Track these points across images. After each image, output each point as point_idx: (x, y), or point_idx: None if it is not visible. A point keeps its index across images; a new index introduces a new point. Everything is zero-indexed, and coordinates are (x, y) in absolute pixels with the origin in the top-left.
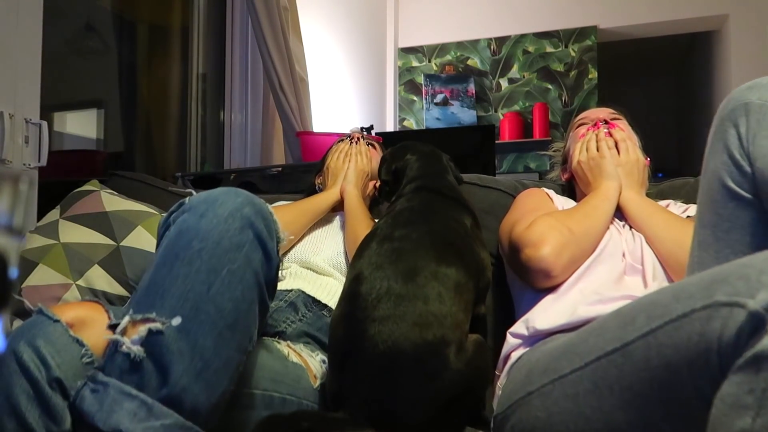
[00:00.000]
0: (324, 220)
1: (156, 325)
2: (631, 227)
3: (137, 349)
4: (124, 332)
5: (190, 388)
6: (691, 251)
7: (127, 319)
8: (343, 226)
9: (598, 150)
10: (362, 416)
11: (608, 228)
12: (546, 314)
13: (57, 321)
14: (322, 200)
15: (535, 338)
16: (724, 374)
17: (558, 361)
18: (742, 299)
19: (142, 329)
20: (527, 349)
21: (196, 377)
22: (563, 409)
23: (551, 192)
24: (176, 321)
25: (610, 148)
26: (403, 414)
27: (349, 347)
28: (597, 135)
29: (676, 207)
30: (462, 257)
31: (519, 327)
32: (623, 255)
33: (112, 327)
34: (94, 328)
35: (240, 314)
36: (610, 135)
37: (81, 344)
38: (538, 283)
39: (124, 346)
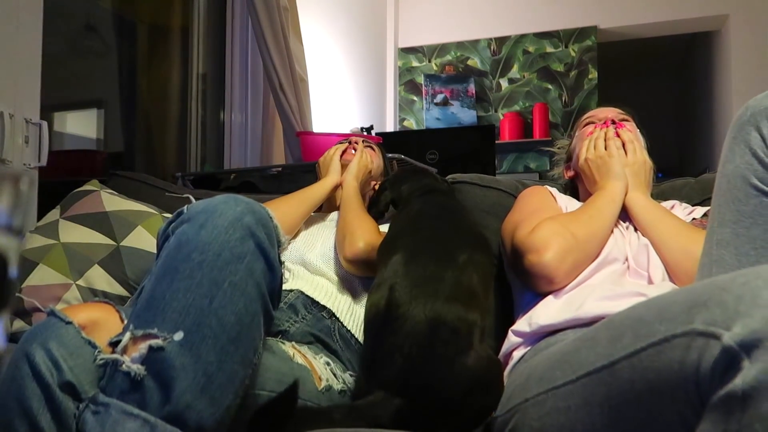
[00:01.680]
0: (319, 218)
1: (157, 342)
2: (636, 229)
3: (137, 368)
4: (125, 350)
5: (193, 404)
6: (705, 251)
7: (128, 335)
8: (337, 224)
9: (606, 149)
10: (392, 391)
11: (613, 231)
12: (548, 310)
13: (69, 323)
14: (319, 188)
15: (538, 335)
16: (704, 405)
17: (553, 371)
18: (718, 330)
19: (143, 346)
20: (529, 348)
21: (200, 393)
22: (556, 422)
23: (554, 190)
24: (178, 336)
25: (618, 149)
26: (435, 386)
27: (387, 318)
28: (606, 134)
29: (681, 208)
30: (485, 249)
31: (521, 324)
32: (626, 259)
33: (113, 344)
34: (106, 329)
35: (243, 327)
36: (618, 135)
37: (94, 346)
38: (539, 288)
39: (124, 365)
